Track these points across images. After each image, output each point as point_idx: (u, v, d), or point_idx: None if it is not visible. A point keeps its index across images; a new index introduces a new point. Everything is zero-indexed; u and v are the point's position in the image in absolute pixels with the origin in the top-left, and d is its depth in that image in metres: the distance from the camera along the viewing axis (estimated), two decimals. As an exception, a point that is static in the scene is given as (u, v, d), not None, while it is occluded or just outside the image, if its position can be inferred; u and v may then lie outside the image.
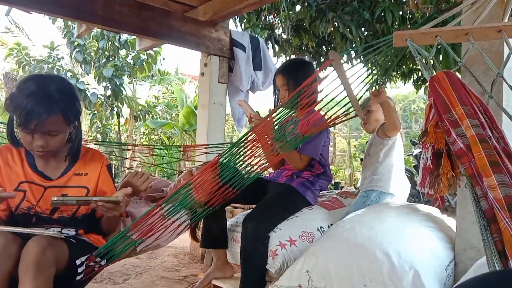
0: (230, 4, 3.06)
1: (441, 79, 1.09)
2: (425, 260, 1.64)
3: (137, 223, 1.68)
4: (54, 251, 1.38)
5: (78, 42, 6.50)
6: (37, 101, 1.42)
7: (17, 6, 2.73)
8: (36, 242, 1.36)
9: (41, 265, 1.32)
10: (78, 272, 1.50)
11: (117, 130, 8.74)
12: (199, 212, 1.99)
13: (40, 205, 1.62)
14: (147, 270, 3.17)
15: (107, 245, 1.63)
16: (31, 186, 1.61)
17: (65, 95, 1.51)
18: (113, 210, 1.53)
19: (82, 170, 1.68)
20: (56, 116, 1.47)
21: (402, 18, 4.18)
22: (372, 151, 2.31)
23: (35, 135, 1.48)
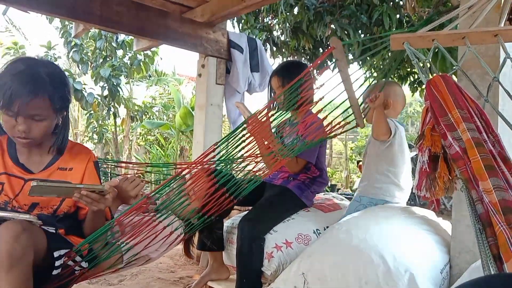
0: (228, 6, 3.05)
1: (437, 82, 1.09)
2: (420, 263, 1.64)
3: (123, 216, 1.57)
4: (29, 237, 1.20)
5: (75, 42, 6.48)
6: (23, 81, 1.33)
7: (15, 6, 2.71)
8: (8, 227, 1.19)
9: (16, 253, 1.15)
10: (55, 265, 1.33)
11: (113, 131, 8.72)
12: (195, 224, 1.94)
13: (19, 199, 1.48)
14: (142, 271, 3.16)
15: (89, 239, 1.49)
16: (9, 179, 1.48)
17: (54, 78, 1.41)
18: (98, 201, 1.40)
19: (67, 165, 1.56)
20: (42, 99, 1.37)
21: (400, 21, 4.20)
22: (370, 151, 2.25)
23: (18, 118, 1.37)
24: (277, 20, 4.88)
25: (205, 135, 3.48)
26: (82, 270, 1.52)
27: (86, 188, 1.38)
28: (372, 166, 2.21)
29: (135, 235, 1.63)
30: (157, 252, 1.88)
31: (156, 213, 1.69)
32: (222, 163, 1.84)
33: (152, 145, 10.31)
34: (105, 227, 1.50)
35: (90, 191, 1.38)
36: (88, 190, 1.38)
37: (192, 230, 2.00)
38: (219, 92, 3.56)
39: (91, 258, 1.53)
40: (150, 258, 1.90)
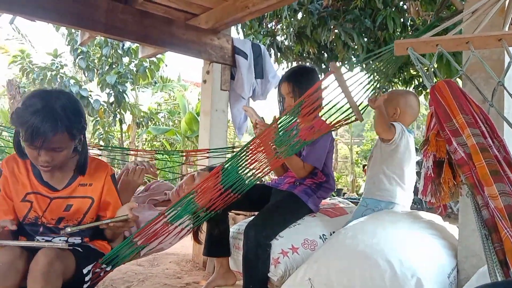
0: (232, 13, 3.08)
1: (441, 88, 1.10)
2: (427, 267, 1.64)
3: (142, 231, 1.71)
4: (61, 262, 1.42)
5: (81, 49, 6.55)
6: (43, 119, 1.43)
7: (21, 15, 2.76)
8: (45, 254, 1.40)
9: (49, 276, 1.36)
10: (85, 280, 1.54)
11: (119, 137, 8.77)
12: (202, 216, 1.99)
13: (46, 215, 1.64)
14: (149, 277, 3.17)
15: (113, 252, 1.66)
16: (37, 197, 1.64)
17: (70, 112, 1.52)
18: (123, 227, 1.60)
19: (87, 181, 1.70)
20: (61, 133, 1.48)
21: (404, 25, 4.20)
22: (375, 153, 2.25)
23: (41, 151, 1.50)
24: (281, 25, 4.90)
25: (210, 140, 3.50)
26: (106, 273, 1.74)
27: (112, 221, 1.56)
28: (377, 168, 2.20)
29: (151, 238, 1.80)
30: (170, 244, 2.07)
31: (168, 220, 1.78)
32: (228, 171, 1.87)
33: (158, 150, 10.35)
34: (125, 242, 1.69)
35: (116, 221, 1.56)
36: (115, 222, 1.56)
37: (199, 222, 2.08)
38: (224, 98, 3.58)
39: (114, 263, 1.72)
40: (163, 248, 2.11)
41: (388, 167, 2.16)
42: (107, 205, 1.71)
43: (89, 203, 1.69)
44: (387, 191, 2.16)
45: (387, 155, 2.16)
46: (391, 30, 3.97)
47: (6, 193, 1.63)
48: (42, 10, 2.69)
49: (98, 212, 1.71)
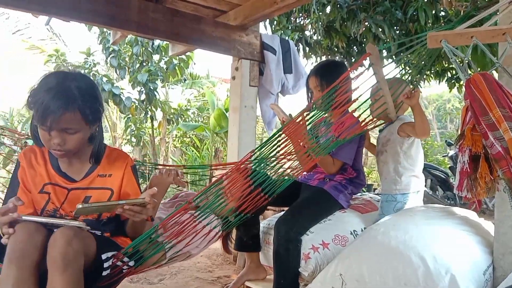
0: (261, 8, 3.08)
1: (477, 81, 1.07)
2: (462, 264, 1.61)
3: (166, 220, 1.64)
4: (80, 241, 1.31)
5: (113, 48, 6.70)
6: (54, 96, 1.37)
7: (57, 16, 2.84)
8: (62, 233, 1.30)
9: (69, 256, 1.26)
10: (104, 267, 1.43)
11: (150, 133, 8.94)
12: (232, 221, 1.99)
13: (64, 207, 1.57)
14: (181, 270, 3.24)
15: (135, 243, 1.55)
16: (54, 188, 1.57)
17: (84, 92, 1.45)
18: (140, 213, 1.45)
19: (106, 171, 1.62)
20: (73, 113, 1.41)
21: (436, 16, 4.09)
22: (391, 149, 2.23)
23: (52, 132, 1.42)
24: (309, 19, 4.87)
25: (240, 136, 3.52)
26: (130, 269, 1.59)
27: (127, 204, 1.41)
28: (394, 163, 2.22)
29: (177, 235, 1.72)
30: (197, 249, 1.98)
31: (196, 213, 1.75)
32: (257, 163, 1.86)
33: (187, 147, 10.50)
34: (150, 231, 1.57)
35: (132, 205, 1.42)
36: (130, 205, 1.41)
37: (229, 227, 2.05)
38: (253, 94, 3.59)
39: (137, 258, 1.59)
40: (191, 254, 2.00)
41: (406, 160, 2.20)
42: (126, 197, 1.60)
43: (108, 194, 1.60)
44: (408, 183, 2.21)
45: (405, 150, 2.19)
46: (423, 22, 3.87)
47: (24, 185, 1.57)
48: (76, 11, 2.77)
49: None
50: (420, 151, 2.27)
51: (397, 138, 2.19)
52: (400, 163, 2.20)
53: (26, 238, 1.31)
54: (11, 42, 17.63)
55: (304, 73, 3.75)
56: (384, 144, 2.28)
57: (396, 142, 2.20)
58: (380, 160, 2.30)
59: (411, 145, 2.19)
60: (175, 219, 1.66)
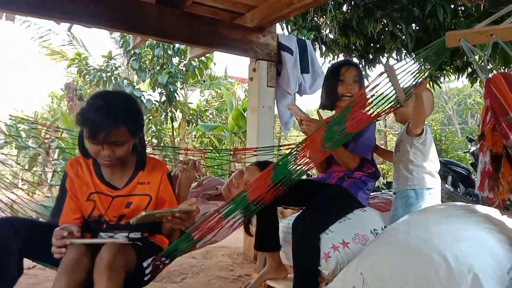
0: (277, 10, 3.10)
1: (497, 81, 1.07)
2: (484, 263, 1.59)
3: (198, 226, 1.77)
4: (123, 256, 1.52)
5: (134, 51, 6.82)
6: (104, 115, 1.55)
7: (79, 23, 2.93)
8: (108, 248, 1.51)
9: (114, 268, 1.45)
10: (145, 273, 1.64)
11: (171, 134, 9.06)
12: (252, 209, 2.04)
13: (108, 213, 1.75)
14: (203, 269, 3.29)
15: (172, 246, 1.74)
16: (100, 196, 1.75)
17: (129, 109, 1.65)
18: (185, 221, 1.63)
19: (145, 179, 1.79)
20: (121, 127, 1.59)
21: (454, 12, 4.03)
22: (402, 148, 2.28)
23: (104, 145, 1.60)
24: (325, 18, 4.86)
25: (258, 137, 3.55)
26: (165, 265, 1.82)
27: (179, 211, 1.60)
28: (405, 161, 2.26)
29: (206, 233, 1.88)
30: (223, 236, 2.15)
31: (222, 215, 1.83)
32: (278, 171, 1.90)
33: (206, 147, 10.59)
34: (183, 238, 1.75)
35: (182, 212, 1.60)
36: (180, 212, 1.60)
37: (250, 215, 2.14)
38: (271, 94, 3.61)
39: (173, 256, 1.79)
40: (216, 240, 2.18)
41: (418, 159, 2.23)
42: (163, 202, 1.79)
43: (148, 200, 1.78)
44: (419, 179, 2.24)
45: (417, 148, 2.22)
46: (441, 18, 3.82)
47: (72, 193, 1.75)
48: (97, 18, 2.84)
49: (156, 209, 1.78)
50: (433, 149, 2.30)
51: (406, 137, 2.25)
52: (411, 160, 2.24)
53: (75, 260, 1.51)
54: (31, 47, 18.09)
55: (321, 73, 3.75)
56: (397, 145, 2.34)
57: (406, 141, 2.25)
58: (395, 160, 2.36)
59: (422, 144, 2.23)
60: (205, 224, 1.79)
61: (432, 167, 2.29)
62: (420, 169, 2.24)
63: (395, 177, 2.36)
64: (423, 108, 2.05)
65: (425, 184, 2.25)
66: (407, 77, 1.86)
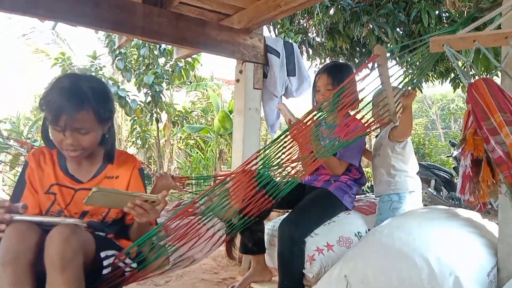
0: (264, 12, 3.10)
1: (479, 86, 1.09)
2: (466, 265, 1.62)
3: (170, 220, 1.63)
4: (78, 239, 1.28)
5: (119, 51, 6.76)
6: (68, 97, 1.40)
7: (64, 21, 2.87)
8: (59, 231, 1.27)
9: (67, 255, 1.23)
10: (104, 265, 1.41)
11: (156, 136, 8.99)
12: (236, 224, 1.97)
13: (70, 208, 1.57)
14: (187, 272, 3.26)
15: (138, 243, 1.53)
16: (61, 189, 1.57)
17: (97, 93, 1.47)
18: (148, 212, 1.44)
19: (114, 173, 1.63)
20: (86, 112, 1.43)
21: (439, 17, 4.10)
22: (383, 153, 2.32)
23: (65, 133, 1.44)
24: (312, 22, 4.89)
25: (244, 139, 3.54)
26: (132, 272, 1.57)
27: (140, 197, 1.41)
28: (387, 166, 2.30)
29: (180, 238, 1.69)
30: (201, 253, 1.94)
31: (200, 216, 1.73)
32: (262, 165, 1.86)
33: (192, 149, 10.54)
34: (153, 231, 1.54)
35: (144, 200, 1.42)
36: (143, 200, 1.42)
37: (233, 231, 2.03)
38: (257, 96, 3.61)
39: (140, 260, 1.57)
40: (195, 259, 1.97)
41: (399, 163, 2.28)
42: None
43: None
44: (403, 183, 2.28)
45: (398, 153, 2.28)
46: (426, 23, 3.88)
47: (32, 185, 1.57)
48: (82, 17, 2.80)
49: None
50: (412, 152, 2.36)
51: (388, 142, 2.29)
52: (393, 165, 2.28)
53: (19, 238, 1.28)
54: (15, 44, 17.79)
55: (308, 76, 3.77)
56: (377, 148, 2.37)
57: (387, 145, 2.30)
58: (374, 164, 2.39)
59: (403, 148, 2.28)
60: (179, 220, 1.65)
61: (412, 170, 2.34)
62: (402, 173, 2.28)
63: (376, 182, 2.38)
64: (411, 119, 2.08)
65: (408, 187, 2.29)
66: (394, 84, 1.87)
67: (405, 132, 2.15)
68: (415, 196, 2.32)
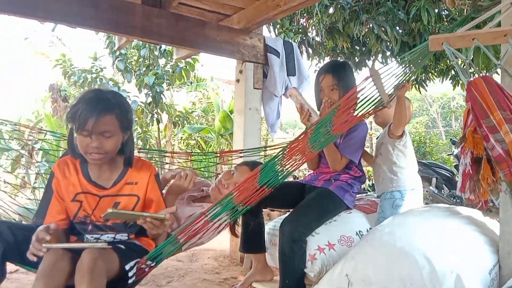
0: (264, 12, 3.10)
1: (478, 84, 1.09)
2: (467, 263, 1.62)
3: (184, 229, 1.76)
4: (104, 260, 1.49)
5: (119, 52, 6.76)
6: (94, 104, 1.58)
7: (63, 23, 2.88)
8: (89, 253, 1.48)
9: (95, 272, 1.43)
10: (129, 276, 1.60)
11: (156, 136, 8.99)
12: (239, 210, 2.02)
13: (95, 214, 1.73)
14: (188, 272, 3.26)
15: (157, 250, 1.72)
16: (86, 196, 1.73)
17: (119, 102, 1.66)
18: (158, 227, 1.63)
19: (133, 179, 1.78)
20: (110, 117, 1.60)
21: (438, 15, 4.10)
22: (384, 151, 2.33)
23: (92, 136, 1.59)
24: (312, 21, 4.89)
25: (245, 138, 3.55)
26: (151, 268, 1.79)
27: (150, 217, 1.60)
28: (389, 163, 2.31)
29: (192, 236, 1.87)
30: (209, 238, 2.13)
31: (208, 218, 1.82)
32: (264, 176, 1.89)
33: (193, 149, 10.54)
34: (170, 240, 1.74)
35: (153, 218, 1.60)
36: (152, 218, 1.60)
37: (236, 216, 2.11)
38: (257, 96, 3.61)
39: (158, 259, 1.77)
40: (202, 242, 2.15)
41: (400, 161, 2.29)
42: (150, 203, 1.79)
43: (135, 200, 1.77)
44: (403, 180, 2.29)
45: (398, 151, 2.28)
46: (426, 22, 3.88)
47: (58, 194, 1.73)
48: (82, 18, 2.81)
49: (143, 209, 1.79)
50: (412, 150, 2.38)
51: (388, 140, 2.29)
52: (394, 162, 2.29)
53: (53, 264, 1.47)
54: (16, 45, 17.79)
55: (307, 76, 3.77)
56: (378, 148, 2.39)
57: (388, 144, 2.31)
58: (376, 162, 2.40)
59: (404, 146, 2.29)
60: (191, 226, 1.78)
61: (413, 167, 2.36)
62: (403, 170, 2.29)
63: (377, 180, 2.39)
64: (405, 109, 2.10)
65: (409, 185, 2.30)
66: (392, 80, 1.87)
67: (399, 122, 2.16)
68: (416, 193, 2.33)
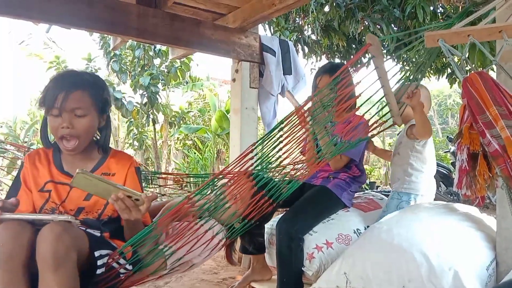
0: (259, 11, 3.09)
1: (474, 80, 1.09)
2: (464, 260, 1.62)
3: (165, 217, 1.58)
4: (71, 236, 1.25)
5: (114, 53, 6.74)
6: (64, 79, 1.49)
7: (58, 24, 2.86)
8: (51, 228, 1.24)
9: (60, 253, 1.20)
10: (97, 265, 1.36)
11: (153, 137, 8.97)
12: (237, 228, 1.92)
13: (65, 205, 1.55)
14: (187, 273, 3.25)
15: (132, 241, 1.49)
16: (56, 186, 1.57)
17: (92, 78, 1.56)
18: (130, 209, 1.40)
19: (110, 170, 1.63)
20: (82, 92, 1.48)
21: (434, 13, 4.10)
22: (402, 151, 2.29)
23: (62, 115, 1.46)
24: (307, 19, 4.88)
25: (241, 138, 3.54)
26: (127, 274, 1.53)
27: (124, 191, 1.39)
28: (405, 164, 2.26)
29: (177, 239, 1.65)
30: (200, 258, 1.86)
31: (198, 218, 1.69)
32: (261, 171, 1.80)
33: (190, 149, 10.53)
34: (148, 229, 1.50)
35: (127, 195, 1.39)
36: (126, 194, 1.39)
37: (233, 235, 1.97)
38: (253, 95, 3.60)
39: (135, 261, 1.53)
40: (193, 264, 1.89)
41: (417, 162, 2.23)
42: None
43: None
44: (417, 184, 2.24)
45: (417, 152, 2.23)
46: (421, 19, 3.88)
47: (26, 185, 1.57)
48: (76, 19, 2.78)
49: None
50: (432, 154, 2.30)
51: (407, 140, 2.25)
52: (411, 164, 2.24)
53: (11, 238, 1.25)
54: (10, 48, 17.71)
55: (303, 74, 3.77)
56: (397, 147, 2.35)
57: (407, 144, 2.26)
58: (393, 162, 2.37)
59: (423, 148, 2.23)
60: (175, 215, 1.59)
61: (430, 171, 2.28)
62: (419, 174, 2.24)
63: (392, 179, 2.37)
64: (425, 118, 2.03)
65: (421, 190, 2.25)
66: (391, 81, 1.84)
67: (423, 132, 2.08)
68: (424, 199, 2.27)
